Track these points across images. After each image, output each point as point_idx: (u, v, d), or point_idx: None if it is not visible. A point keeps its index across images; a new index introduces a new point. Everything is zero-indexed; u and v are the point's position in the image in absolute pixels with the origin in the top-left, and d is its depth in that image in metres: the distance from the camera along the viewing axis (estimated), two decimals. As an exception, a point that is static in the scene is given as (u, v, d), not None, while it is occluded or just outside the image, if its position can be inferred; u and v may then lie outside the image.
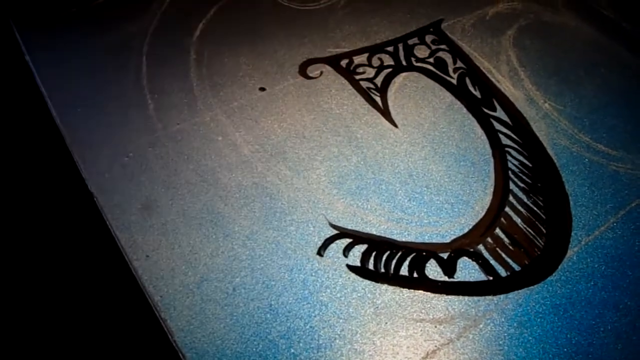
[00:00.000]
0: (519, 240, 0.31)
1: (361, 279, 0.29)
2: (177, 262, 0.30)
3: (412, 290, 0.29)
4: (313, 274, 0.29)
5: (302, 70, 0.40)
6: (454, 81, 0.41)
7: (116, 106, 0.37)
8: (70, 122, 0.36)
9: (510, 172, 0.35)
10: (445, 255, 0.31)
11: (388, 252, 0.31)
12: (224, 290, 0.29)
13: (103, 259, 0.34)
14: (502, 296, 0.29)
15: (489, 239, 0.31)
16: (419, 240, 0.31)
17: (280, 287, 0.29)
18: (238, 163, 0.34)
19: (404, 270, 0.30)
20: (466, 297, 0.29)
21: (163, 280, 0.29)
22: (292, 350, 0.27)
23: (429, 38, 0.44)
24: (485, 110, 0.39)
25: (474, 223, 0.32)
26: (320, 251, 0.30)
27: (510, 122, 0.38)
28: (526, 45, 0.44)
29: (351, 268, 0.30)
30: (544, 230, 0.32)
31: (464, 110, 0.39)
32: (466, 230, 0.32)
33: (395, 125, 0.37)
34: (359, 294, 0.29)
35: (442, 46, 0.43)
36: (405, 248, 0.31)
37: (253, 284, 0.29)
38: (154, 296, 0.29)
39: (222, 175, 0.33)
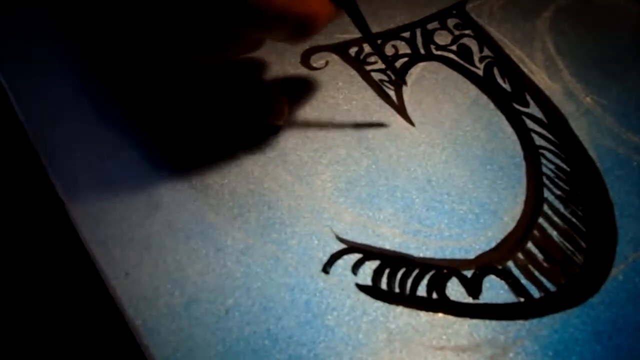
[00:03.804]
0: (554, 256, 0.32)
1: (373, 300, 0.30)
2: (161, 281, 0.31)
3: (431, 314, 0.30)
4: (317, 294, 0.30)
5: (305, 60, 0.41)
6: (480, 72, 0.41)
7: (91, 99, 0.39)
8: (36, 117, 0.37)
9: (544, 177, 0.36)
10: (469, 274, 0.32)
11: (403, 269, 0.31)
12: (216, 313, 0.29)
13: (75, 277, 0.35)
14: (535, 320, 0.29)
15: (520, 255, 0.32)
16: (439, 255, 0.32)
17: (279, 309, 0.30)
18: (231, 167, 0.35)
19: (421, 291, 0.31)
20: (493, 322, 0.29)
21: (145, 302, 0.30)
22: (293, 383, 0.28)
23: (451, 22, 0.45)
24: (516, 106, 0.40)
25: (502, 236, 0.33)
26: (326, 268, 0.31)
27: (545, 120, 0.39)
28: (565, 30, 0.45)
29: (361, 287, 0.31)
30: (583, 244, 0.33)
31: (491, 105, 0.40)
32: (493, 244, 0.33)
33: (412, 124, 0.38)
34: (370, 317, 0.30)
35: (467, 31, 0.44)
36: (423, 265, 0.32)
37: (249, 305, 0.30)
38: (134, 320, 0.29)
39: (212, 181, 0.35)
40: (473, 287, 0.31)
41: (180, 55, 0.31)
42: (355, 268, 0.31)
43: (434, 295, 0.31)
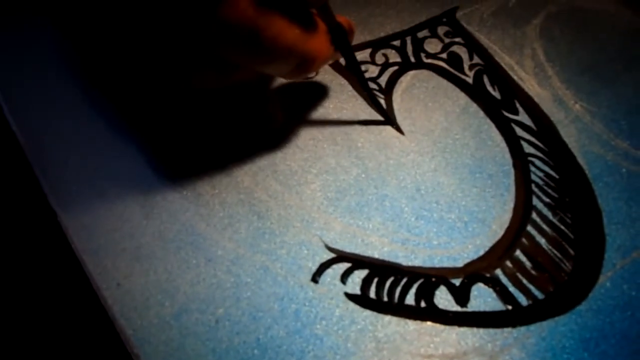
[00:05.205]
0: (542, 263, 0.33)
1: (361, 309, 0.30)
2: (152, 291, 0.31)
3: (420, 322, 0.30)
4: (307, 304, 0.31)
5: (296, 69, 0.42)
6: (470, 80, 0.42)
7: (83, 108, 0.39)
8: (29, 127, 0.38)
9: (533, 185, 0.36)
10: (457, 282, 0.32)
11: (392, 278, 0.32)
12: (206, 323, 0.30)
13: (67, 287, 0.35)
14: (522, 328, 0.30)
15: (508, 263, 0.33)
16: (428, 264, 0.32)
17: (269, 318, 0.30)
18: (221, 177, 0.36)
19: (410, 299, 0.31)
20: (481, 330, 0.30)
21: (136, 312, 0.30)
22: (284, 392, 0.28)
23: (441, 30, 0.45)
24: (506, 114, 0.40)
25: (490, 244, 0.33)
26: (315, 277, 0.32)
27: (534, 127, 0.39)
28: (555, 37, 0.46)
29: (350, 297, 0.31)
30: (572, 252, 0.33)
31: (481, 113, 0.40)
32: (482, 252, 0.33)
33: (402, 132, 0.39)
34: (358, 326, 0.30)
35: (457, 39, 0.45)
36: (412, 273, 0.32)
37: (238, 315, 0.30)
38: (125, 330, 0.30)
39: (203, 191, 0.35)
40: (461, 295, 0.31)
41: (182, 77, 0.32)
42: (344, 277, 0.32)
43: (422, 304, 0.31)
